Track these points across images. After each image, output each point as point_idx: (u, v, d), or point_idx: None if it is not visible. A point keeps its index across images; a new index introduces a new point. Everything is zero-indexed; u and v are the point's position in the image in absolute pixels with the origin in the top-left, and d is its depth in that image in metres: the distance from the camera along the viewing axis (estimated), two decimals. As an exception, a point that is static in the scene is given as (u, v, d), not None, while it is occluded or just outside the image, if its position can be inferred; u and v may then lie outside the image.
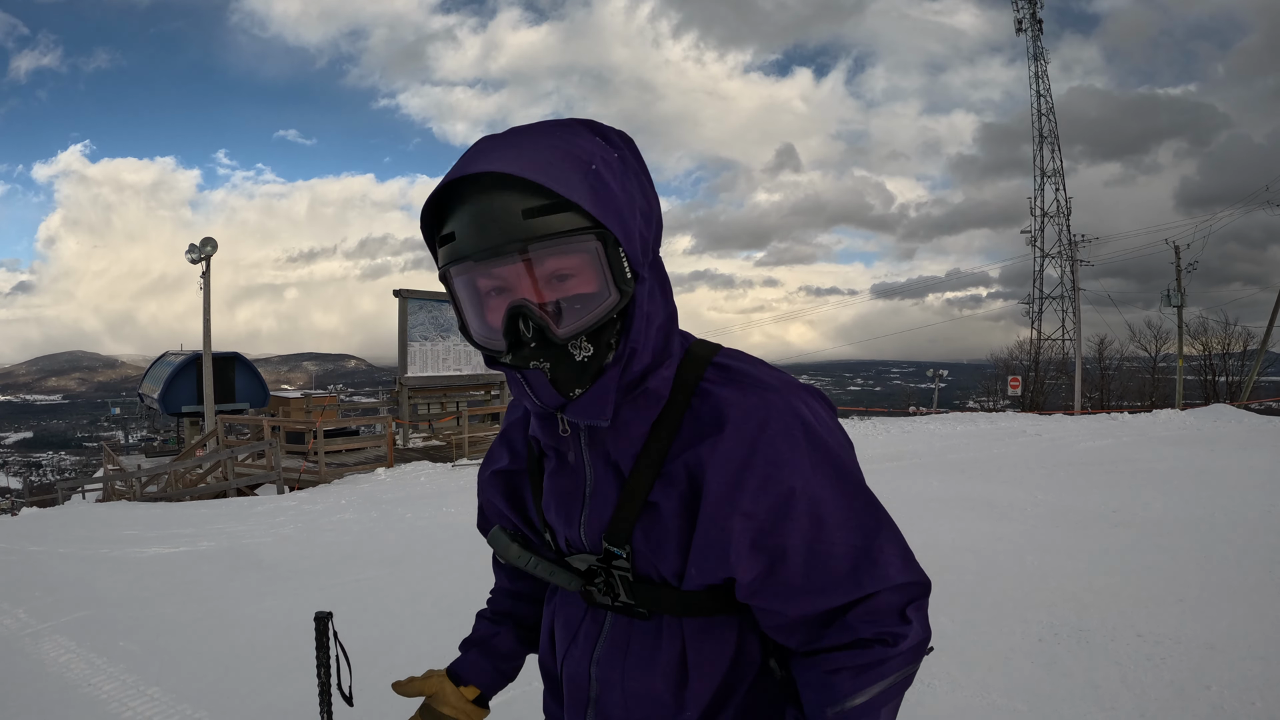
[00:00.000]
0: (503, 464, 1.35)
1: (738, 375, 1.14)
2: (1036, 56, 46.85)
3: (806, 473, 1.08)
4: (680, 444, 1.12)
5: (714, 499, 1.08)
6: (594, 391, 1.08)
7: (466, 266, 1.04)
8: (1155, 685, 3.45)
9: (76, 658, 4.76)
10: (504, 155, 1.02)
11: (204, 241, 21.94)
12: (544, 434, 1.20)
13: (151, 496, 17.25)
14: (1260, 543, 5.70)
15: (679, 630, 1.16)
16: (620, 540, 1.14)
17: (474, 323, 1.09)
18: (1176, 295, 34.13)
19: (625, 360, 1.08)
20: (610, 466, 1.16)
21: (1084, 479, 8.85)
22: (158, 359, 31.64)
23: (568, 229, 1.00)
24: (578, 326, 1.03)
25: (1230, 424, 14.47)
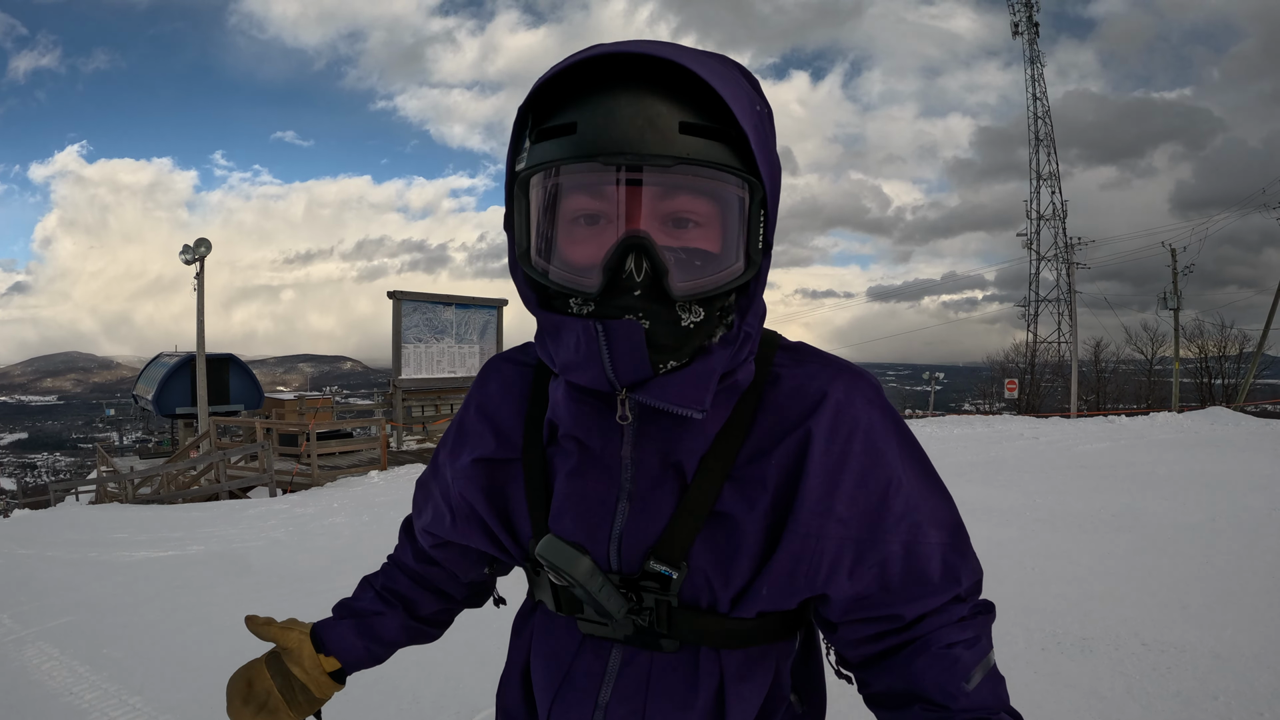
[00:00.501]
0: (486, 450, 1.06)
1: (812, 358, 1.01)
2: (1033, 60, 47.03)
3: (898, 466, 0.96)
4: (757, 441, 0.95)
5: (810, 503, 0.92)
6: (695, 370, 0.89)
7: (584, 170, 0.83)
8: (1161, 696, 3.37)
9: (59, 665, 4.67)
10: (668, 49, 0.83)
11: (198, 242, 21.94)
12: (576, 419, 0.96)
13: (144, 499, 17.17)
14: (1263, 547, 5.64)
15: (717, 665, 0.97)
16: (675, 558, 0.93)
17: (553, 251, 0.88)
18: (1173, 298, 34.23)
19: (736, 344, 0.91)
20: (668, 468, 0.95)
21: (1083, 482, 8.80)
22: (152, 360, 31.66)
23: (724, 162, 0.83)
24: (698, 286, 0.85)
25: (1228, 426, 14.44)
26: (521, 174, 0.86)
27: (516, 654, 1.11)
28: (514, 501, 1.04)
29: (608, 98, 0.82)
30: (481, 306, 22.89)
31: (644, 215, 0.83)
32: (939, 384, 37.16)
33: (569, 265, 0.86)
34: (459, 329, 22.16)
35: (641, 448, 0.95)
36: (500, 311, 23.35)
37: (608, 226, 0.84)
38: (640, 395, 0.89)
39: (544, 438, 1.01)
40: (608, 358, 0.86)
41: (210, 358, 23.68)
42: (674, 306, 0.86)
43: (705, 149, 0.81)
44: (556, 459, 1.00)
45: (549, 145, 0.83)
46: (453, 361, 22.02)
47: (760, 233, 0.87)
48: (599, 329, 0.85)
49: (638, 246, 0.83)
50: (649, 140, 0.80)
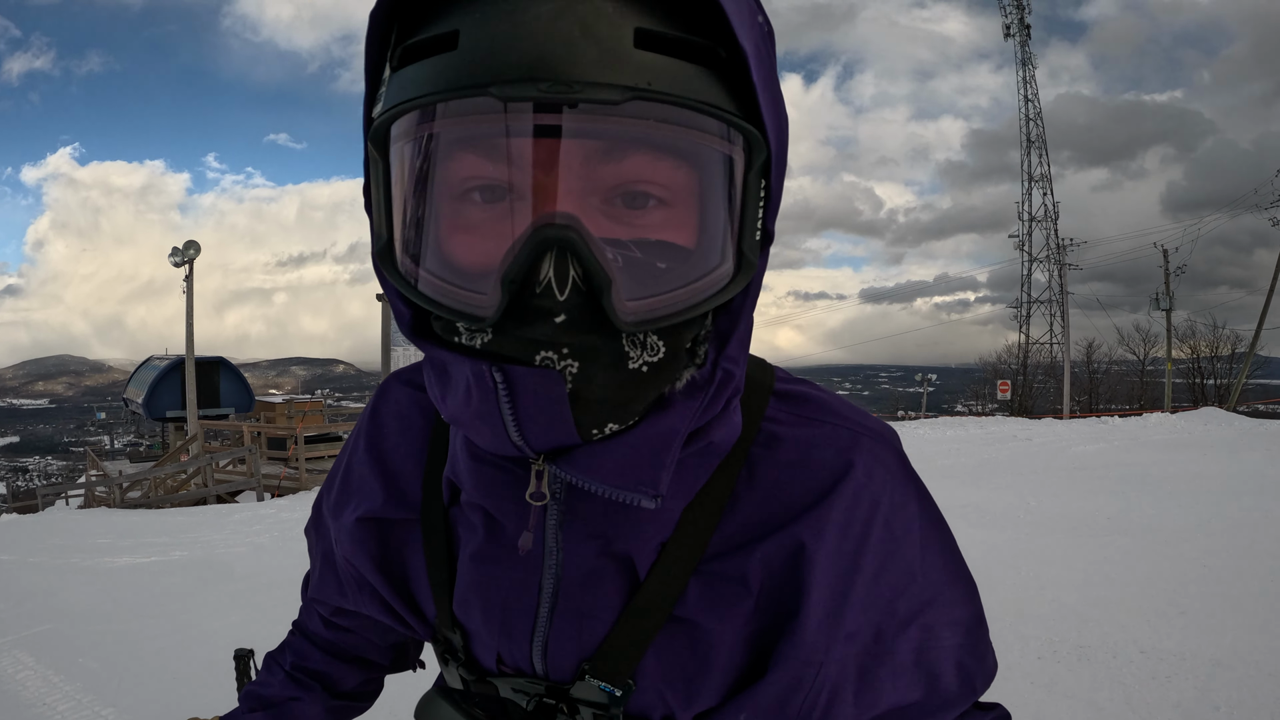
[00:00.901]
0: (374, 506, 0.80)
1: (815, 408, 0.73)
2: (1024, 62, 47.06)
3: (918, 555, 0.72)
4: (739, 523, 0.69)
5: (816, 622, 0.67)
6: (645, 435, 0.59)
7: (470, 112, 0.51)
8: (1161, 706, 3.29)
9: (34, 674, 4.58)
10: None
11: (187, 245, 21.90)
12: (480, 486, 0.69)
13: (132, 503, 17.06)
14: (1260, 549, 5.58)
15: None
16: (620, 674, 0.68)
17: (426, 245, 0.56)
18: (1165, 299, 34.28)
19: (710, 392, 0.61)
20: (610, 557, 0.69)
21: (1077, 484, 8.75)
22: (142, 363, 31.61)
23: (706, 101, 0.51)
24: (660, 305, 0.54)
25: (1221, 427, 14.44)
26: (378, 121, 0.54)
27: None
28: (413, 571, 0.79)
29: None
30: (472, 309, 22.85)
31: (574, 188, 0.52)
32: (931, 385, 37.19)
33: (452, 270, 0.55)
34: (450, 331, 22.11)
35: (570, 531, 0.69)
36: (491, 314, 23.32)
37: (518, 206, 0.53)
38: (564, 469, 0.62)
39: (445, 495, 0.76)
40: (510, 419, 0.57)
41: (200, 361, 23.61)
42: (619, 338, 0.55)
43: (679, 75, 0.50)
44: (460, 527, 0.75)
45: (418, 70, 0.51)
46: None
47: (759, 217, 0.57)
48: (496, 379, 0.55)
49: (560, 242, 0.52)
50: (584, 57, 0.48)
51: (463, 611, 0.75)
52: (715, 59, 0.52)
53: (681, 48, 0.50)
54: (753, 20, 0.55)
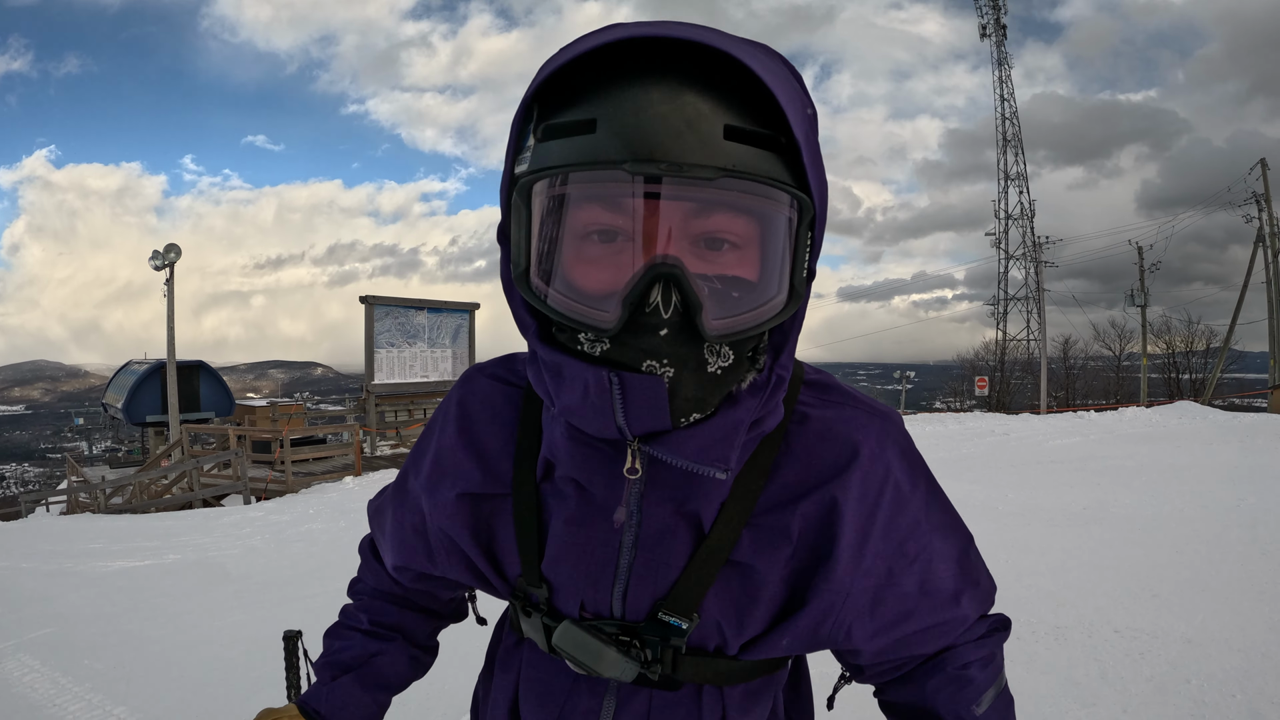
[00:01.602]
0: (471, 484, 0.94)
1: (838, 396, 0.93)
2: (1000, 62, 47.38)
3: (921, 511, 0.93)
4: (781, 487, 0.87)
5: (844, 561, 0.86)
6: (719, 424, 0.77)
7: (597, 179, 0.68)
8: (1135, 681, 3.47)
9: (41, 677, 4.62)
10: (710, 33, 0.69)
11: (167, 248, 21.68)
12: (577, 463, 0.84)
13: (116, 509, 16.97)
14: (1231, 536, 5.79)
15: (719, 702, 0.92)
16: (687, 610, 0.86)
17: (556, 274, 0.73)
18: (1140, 295, 34.70)
19: (768, 391, 0.79)
20: (683, 517, 0.86)
21: (1054, 477, 8.94)
22: (121, 368, 31.26)
23: (776, 177, 0.69)
24: (737, 324, 0.72)
25: (1195, 421, 14.69)
26: (523, 179, 0.71)
27: (502, 691, 1.02)
28: (501, 538, 0.94)
29: (637, 90, 0.67)
30: (454, 311, 22.84)
31: (675, 236, 0.69)
32: (910, 382, 37.30)
33: (578, 293, 0.72)
34: (431, 333, 22.12)
35: (651, 497, 0.85)
36: (472, 316, 23.30)
37: (627, 246, 0.70)
38: (655, 449, 0.77)
39: (538, 473, 0.91)
40: (621, 411, 0.74)
41: (181, 364, 23.44)
42: (703, 348, 0.72)
43: (756, 160, 0.67)
44: (551, 499, 0.90)
45: (560, 145, 0.68)
46: (425, 366, 21.97)
47: (806, 259, 0.73)
48: (614, 381, 0.72)
49: (668, 276, 0.68)
50: (688, 145, 0.65)
51: (551, 568, 0.90)
52: (778, 145, 0.69)
53: (758, 138, 0.68)
54: (803, 113, 0.72)
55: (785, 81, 0.71)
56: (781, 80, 0.70)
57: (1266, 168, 30.36)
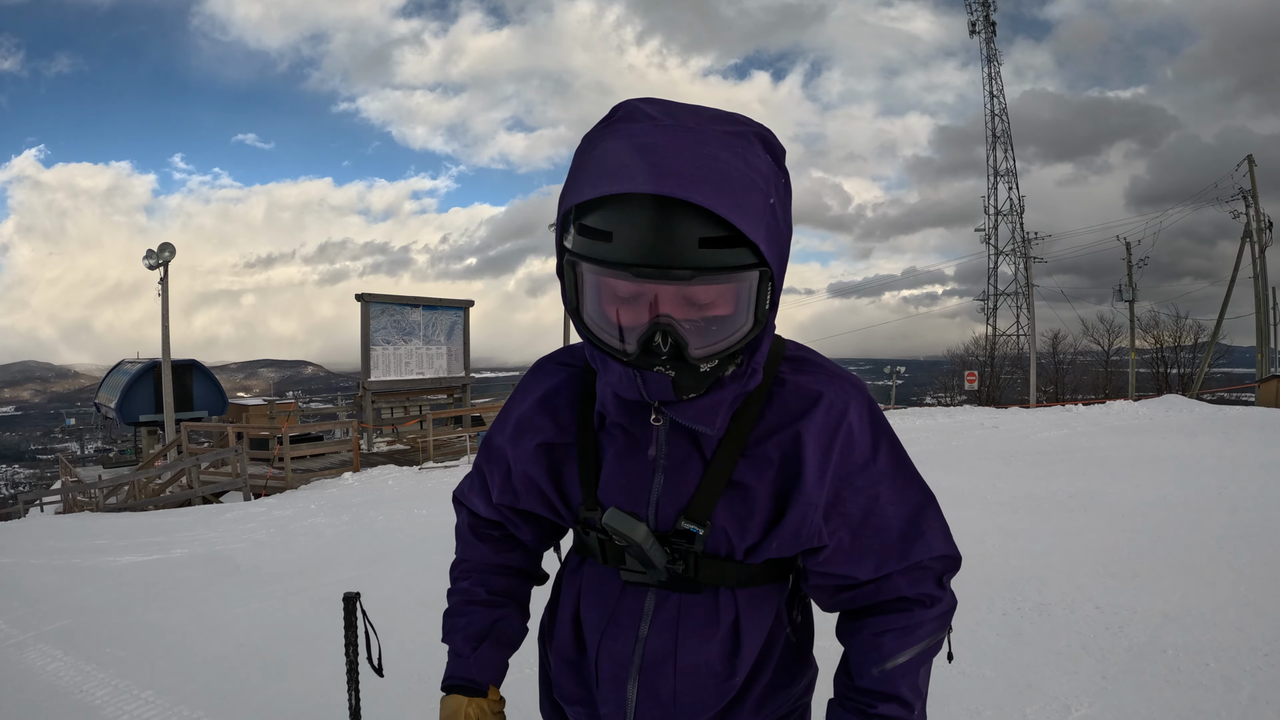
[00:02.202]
0: (547, 436, 1.28)
1: (810, 366, 1.23)
2: (990, 58, 47.43)
3: (869, 451, 1.21)
4: (765, 427, 1.18)
5: (810, 478, 1.16)
6: (710, 400, 1.12)
7: (615, 273, 1.00)
8: (1114, 651, 3.65)
9: (64, 665, 4.73)
10: (694, 176, 0.96)
11: (162, 247, 21.68)
12: (623, 413, 1.20)
13: (113, 507, 17.04)
14: (1211, 521, 5.98)
15: (733, 601, 1.22)
16: (701, 518, 1.17)
17: (594, 314, 1.06)
18: (1128, 290, 34.86)
19: (745, 378, 1.13)
20: (693, 448, 1.19)
21: (1041, 468, 9.11)
22: (114, 368, 31.19)
23: (737, 265, 0.99)
24: (713, 349, 1.04)
25: (1182, 414, 14.85)
26: (570, 255, 1.04)
27: (567, 602, 1.34)
28: (568, 476, 1.28)
29: (639, 213, 0.97)
30: (449, 308, 22.89)
31: (667, 302, 1.02)
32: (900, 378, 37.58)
33: (608, 323, 1.06)
34: (427, 330, 22.16)
35: (672, 435, 1.19)
36: (467, 312, 23.36)
37: (640, 305, 1.03)
38: (668, 410, 1.15)
39: (595, 424, 1.25)
40: (642, 388, 1.09)
41: (174, 364, 23.44)
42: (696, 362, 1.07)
43: (719, 258, 0.97)
44: (605, 442, 1.24)
45: (589, 244, 1.00)
46: (421, 363, 22.03)
47: (767, 300, 1.04)
48: (637, 375, 1.08)
49: (664, 327, 1.02)
50: (671, 255, 0.96)
51: (604, 493, 1.24)
52: (744, 239, 0.98)
53: (725, 241, 0.97)
54: (765, 204, 1.01)
55: (750, 191, 0.99)
56: (746, 192, 0.98)
57: (1254, 164, 30.57)
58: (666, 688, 1.22)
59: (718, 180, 0.97)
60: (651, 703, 1.23)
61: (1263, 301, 30.32)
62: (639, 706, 1.24)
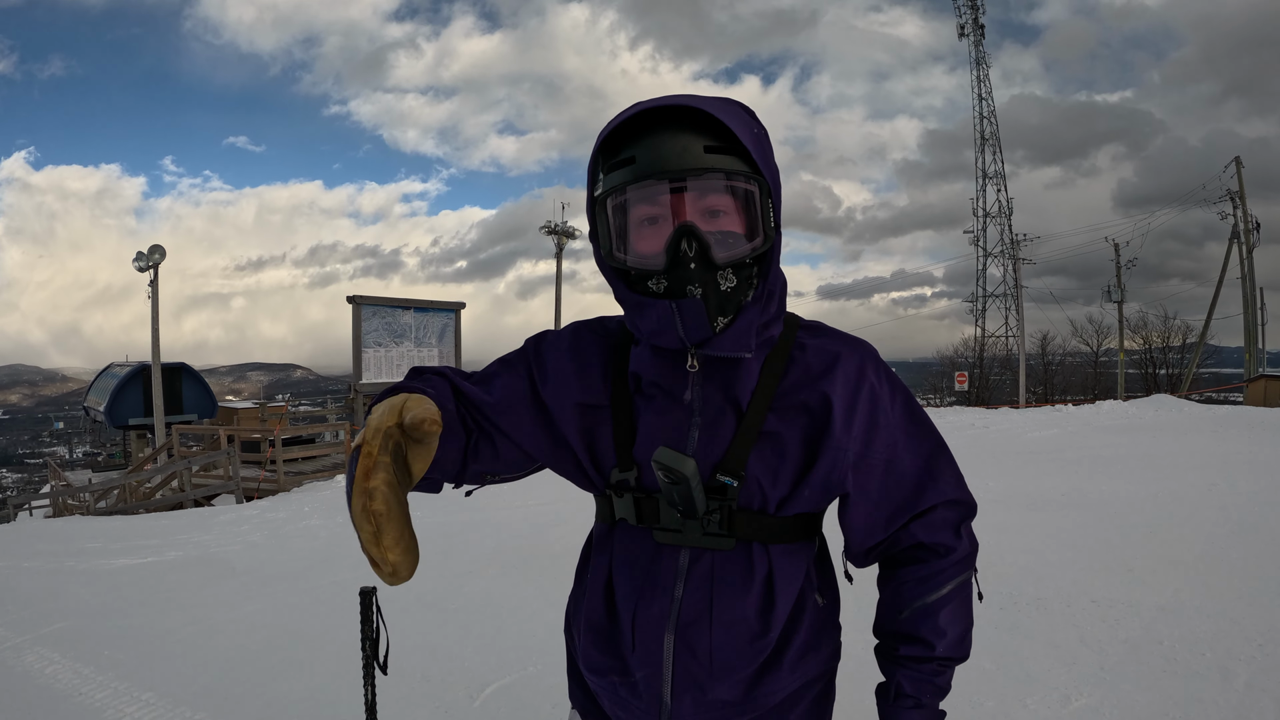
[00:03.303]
0: (581, 396, 1.32)
1: (827, 332, 1.34)
2: (978, 61, 47.82)
3: (889, 406, 1.29)
4: (789, 384, 1.26)
5: (839, 426, 1.24)
6: (739, 324, 1.20)
7: (643, 187, 1.15)
8: (1111, 643, 3.70)
9: (63, 668, 4.70)
10: (688, 99, 1.15)
11: (152, 249, 21.63)
12: (658, 370, 1.27)
13: (103, 511, 16.96)
14: (1202, 517, 6.03)
15: (766, 556, 1.25)
16: (735, 470, 1.22)
17: (628, 245, 1.20)
18: (1117, 291, 35.10)
19: (764, 301, 1.22)
20: (728, 401, 1.25)
21: (1033, 467, 9.16)
22: (103, 371, 31.09)
23: (738, 170, 1.15)
24: (732, 255, 1.17)
25: (1171, 413, 14.95)
26: (600, 196, 1.19)
27: (598, 570, 1.34)
28: (600, 439, 1.31)
29: (653, 136, 1.14)
30: (440, 310, 22.90)
31: (689, 211, 1.15)
32: (891, 379, 37.60)
33: (640, 255, 1.19)
34: (418, 332, 22.16)
35: (706, 389, 1.25)
36: (458, 315, 23.36)
37: (664, 224, 1.16)
38: (705, 349, 1.20)
39: (630, 387, 1.30)
40: (680, 327, 1.18)
41: (163, 367, 23.36)
42: (716, 273, 1.16)
43: (724, 161, 1.14)
44: (641, 403, 1.29)
45: (617, 174, 1.16)
46: (412, 365, 22.02)
47: (770, 215, 1.18)
48: (674, 307, 1.17)
49: (688, 232, 1.14)
50: (685, 159, 1.12)
51: (641, 450, 1.27)
52: (739, 150, 1.16)
53: (724, 149, 1.15)
54: (751, 133, 1.17)
55: (737, 116, 1.16)
56: (734, 116, 1.16)
57: (1241, 166, 30.84)
58: (703, 645, 1.24)
59: (709, 103, 1.16)
60: (689, 660, 1.24)
61: (1251, 302, 30.59)
62: (677, 666, 1.25)
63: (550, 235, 32.35)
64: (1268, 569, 4.65)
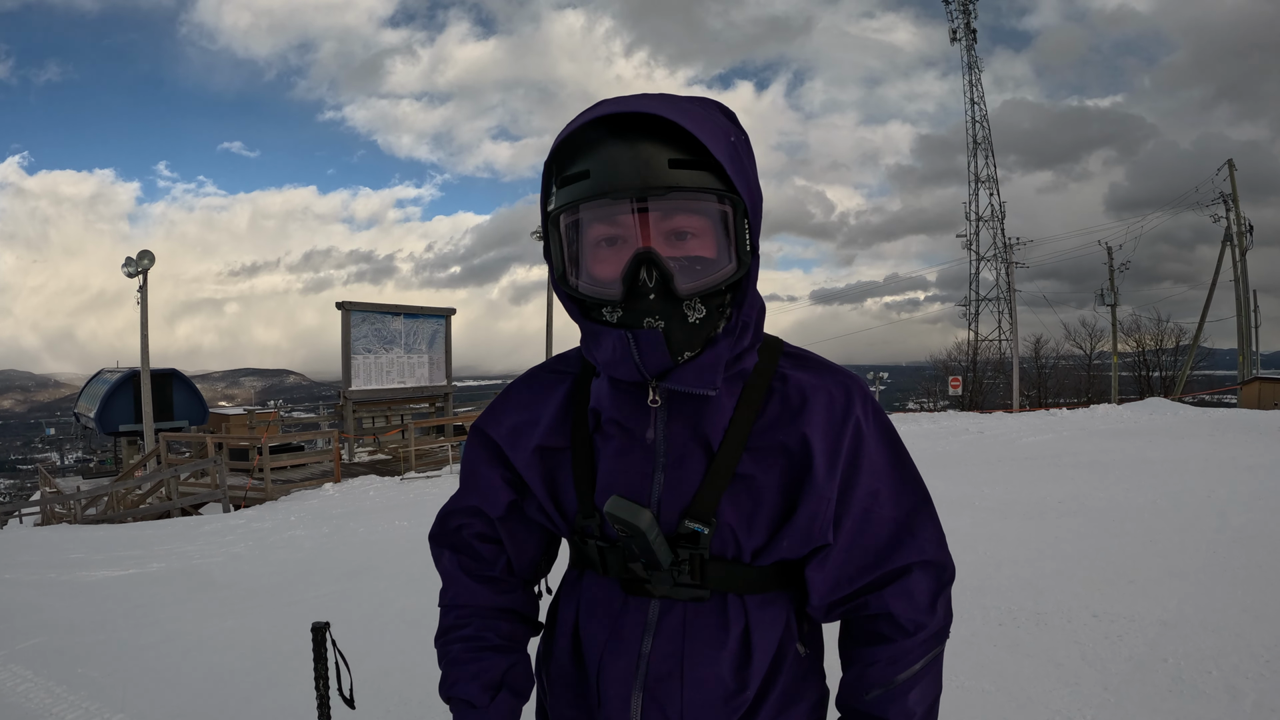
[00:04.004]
0: (541, 440, 1.22)
1: (811, 362, 1.20)
2: (970, 65, 47.81)
3: (875, 448, 1.17)
4: (766, 421, 1.14)
5: (821, 472, 1.11)
6: (705, 358, 1.07)
7: (598, 205, 1.01)
8: (1115, 660, 3.59)
9: (35, 686, 4.58)
10: (654, 103, 1.01)
11: (141, 254, 21.42)
12: (617, 407, 1.15)
13: (92, 519, 16.82)
14: (1203, 525, 5.96)
15: (742, 609, 1.15)
16: (705, 516, 1.11)
17: (581, 270, 1.06)
18: (1110, 294, 35.15)
19: (736, 333, 1.09)
20: (696, 440, 1.13)
21: (1029, 473, 9.10)
22: (93, 377, 30.89)
23: (707, 186, 1.00)
24: (698, 285, 1.03)
25: (1166, 416, 14.93)
26: (552, 213, 1.05)
27: (565, 617, 1.25)
28: (562, 482, 1.21)
29: (611, 147, 1.00)
30: (430, 316, 22.84)
31: (650, 235, 1.02)
32: (883, 384, 37.82)
33: (595, 280, 1.05)
34: (408, 339, 22.11)
35: (671, 427, 1.13)
36: (449, 321, 23.29)
37: (624, 246, 1.03)
38: (666, 382, 1.08)
39: (590, 426, 1.19)
40: (637, 357, 1.05)
41: (153, 373, 23.16)
42: (681, 305, 1.03)
43: (691, 178, 0.99)
44: (600, 443, 1.17)
45: (570, 189, 1.02)
46: (402, 372, 21.97)
47: (746, 238, 1.04)
48: (630, 337, 1.04)
49: (647, 259, 1.01)
50: (646, 175, 0.98)
51: (603, 497, 1.15)
52: (711, 164, 1.01)
53: (692, 164, 1.00)
54: (726, 141, 1.03)
55: (710, 122, 1.03)
56: (707, 123, 1.02)
57: (1234, 169, 30.90)
58: (674, 704, 1.13)
59: (680, 112, 1.01)
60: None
61: (1244, 304, 30.60)
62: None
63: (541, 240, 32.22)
64: (1272, 580, 4.56)
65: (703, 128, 1.01)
